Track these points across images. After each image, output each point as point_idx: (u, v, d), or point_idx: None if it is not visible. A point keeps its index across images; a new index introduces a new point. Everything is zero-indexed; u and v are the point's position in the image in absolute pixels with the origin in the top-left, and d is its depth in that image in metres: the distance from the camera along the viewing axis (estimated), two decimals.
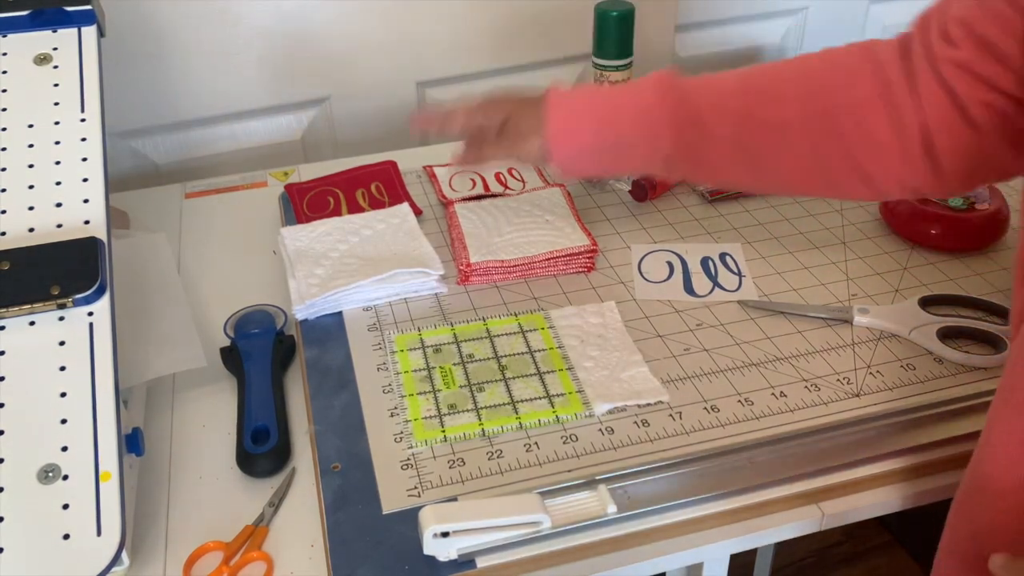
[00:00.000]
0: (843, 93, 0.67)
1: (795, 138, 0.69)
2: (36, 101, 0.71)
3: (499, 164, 0.82)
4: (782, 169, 0.72)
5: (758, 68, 0.73)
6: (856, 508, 0.64)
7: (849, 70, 0.68)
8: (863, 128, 0.67)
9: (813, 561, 1.38)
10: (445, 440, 0.68)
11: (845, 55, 0.69)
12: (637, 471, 0.64)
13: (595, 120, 0.73)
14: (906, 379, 0.72)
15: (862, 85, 0.67)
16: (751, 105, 0.70)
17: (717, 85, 0.72)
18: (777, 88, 0.70)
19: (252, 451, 0.67)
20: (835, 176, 0.69)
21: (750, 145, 0.71)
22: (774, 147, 0.70)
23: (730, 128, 0.70)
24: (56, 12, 0.75)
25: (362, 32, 1.12)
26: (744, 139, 0.71)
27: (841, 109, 0.67)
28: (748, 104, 0.70)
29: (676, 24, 1.28)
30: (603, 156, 0.75)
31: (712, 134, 0.71)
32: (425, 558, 0.59)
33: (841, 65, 0.69)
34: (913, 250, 0.88)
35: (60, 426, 0.58)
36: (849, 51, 0.69)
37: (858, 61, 0.68)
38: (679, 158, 0.73)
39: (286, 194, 0.98)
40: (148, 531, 0.63)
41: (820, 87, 0.68)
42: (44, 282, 0.62)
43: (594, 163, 0.76)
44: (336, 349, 0.77)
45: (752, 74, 0.72)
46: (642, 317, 0.80)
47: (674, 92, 0.72)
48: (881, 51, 0.67)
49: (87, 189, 0.67)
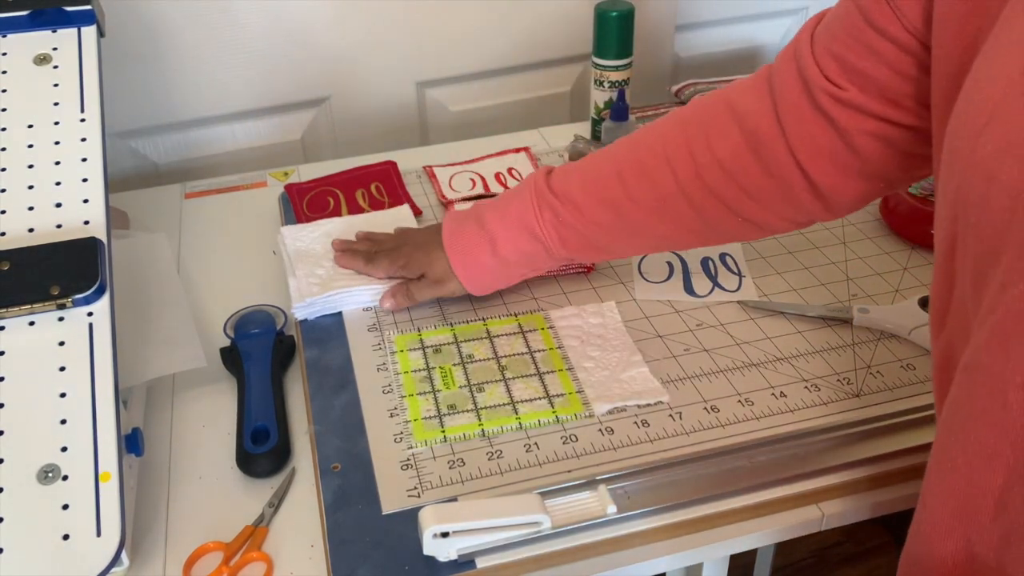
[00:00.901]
0: (709, 154, 0.67)
1: (676, 209, 0.70)
2: (36, 101, 0.71)
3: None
4: (673, 236, 0.74)
5: (626, 146, 0.73)
6: (856, 508, 0.64)
7: (711, 129, 0.68)
8: (738, 183, 0.67)
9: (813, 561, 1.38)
10: (445, 440, 0.68)
11: (705, 113, 0.69)
12: (637, 471, 0.64)
13: (489, 254, 0.76)
14: (906, 379, 0.72)
15: (726, 141, 0.67)
16: (628, 190, 0.71)
17: (592, 177, 0.73)
18: (647, 167, 0.70)
19: (252, 451, 0.67)
20: (725, 229, 0.71)
21: (637, 226, 0.72)
22: (659, 221, 0.71)
23: (612, 216, 0.72)
24: (56, 12, 0.75)
25: (362, 32, 1.12)
26: (629, 223, 0.72)
27: (711, 170, 0.67)
28: (625, 190, 0.71)
29: (676, 24, 1.28)
30: (512, 273, 0.78)
31: (596, 226, 0.72)
32: (425, 558, 0.59)
33: (702, 125, 0.68)
34: (913, 250, 0.88)
35: (60, 426, 0.58)
36: (708, 107, 0.69)
37: (720, 117, 0.68)
38: (576, 254, 0.76)
39: (286, 194, 0.98)
40: (148, 531, 0.63)
41: (688, 154, 0.68)
42: (44, 282, 0.62)
43: (509, 279, 0.79)
44: (336, 349, 0.77)
45: (622, 156, 0.72)
46: (642, 317, 0.80)
47: (549, 202, 0.73)
48: (740, 100, 0.67)
49: (87, 189, 0.67)
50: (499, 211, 0.76)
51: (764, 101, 0.66)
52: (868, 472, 0.65)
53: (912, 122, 0.60)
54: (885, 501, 0.64)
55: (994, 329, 0.41)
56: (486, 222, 0.75)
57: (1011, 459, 0.42)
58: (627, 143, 0.73)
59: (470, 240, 0.76)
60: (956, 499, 0.45)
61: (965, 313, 0.45)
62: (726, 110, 0.68)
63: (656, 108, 1.15)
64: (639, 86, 1.19)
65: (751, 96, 0.67)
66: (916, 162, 0.63)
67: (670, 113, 0.73)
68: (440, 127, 1.23)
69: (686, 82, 1.18)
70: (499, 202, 0.77)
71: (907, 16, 0.56)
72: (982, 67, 0.45)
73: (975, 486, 0.44)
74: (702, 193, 0.68)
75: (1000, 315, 0.41)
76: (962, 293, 0.46)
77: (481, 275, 0.77)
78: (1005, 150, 0.40)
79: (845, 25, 0.60)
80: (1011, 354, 0.41)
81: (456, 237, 0.77)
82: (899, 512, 0.65)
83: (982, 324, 0.43)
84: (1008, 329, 0.41)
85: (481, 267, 0.76)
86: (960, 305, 0.46)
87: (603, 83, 1.04)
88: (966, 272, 0.44)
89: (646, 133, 0.72)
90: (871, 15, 0.58)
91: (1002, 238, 0.41)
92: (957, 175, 0.44)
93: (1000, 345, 0.41)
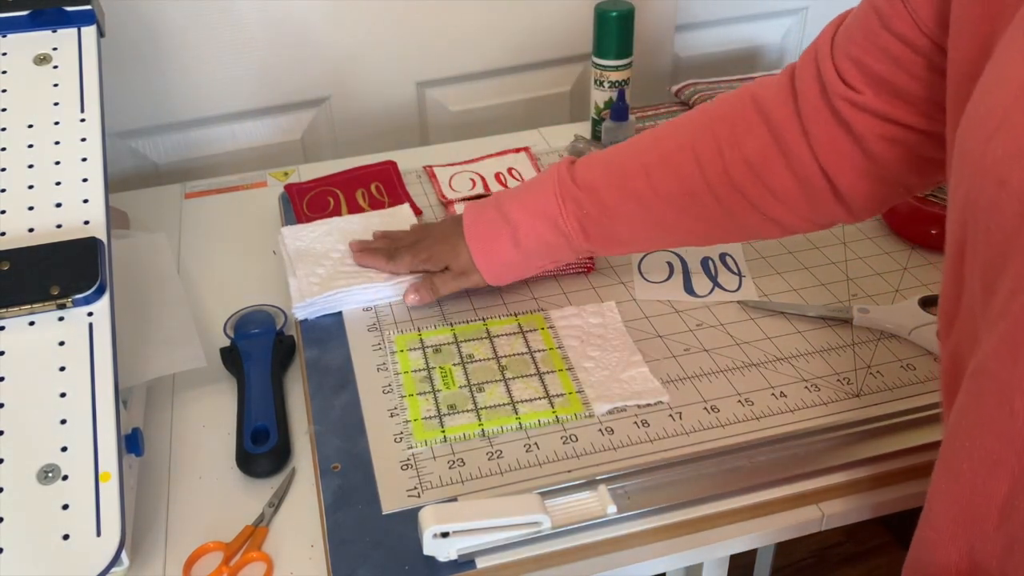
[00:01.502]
0: (737, 151, 0.68)
1: (702, 203, 0.70)
2: (36, 101, 0.71)
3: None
4: (696, 230, 0.74)
5: (651, 139, 0.73)
6: (856, 508, 0.64)
7: (738, 126, 0.68)
8: (763, 182, 0.68)
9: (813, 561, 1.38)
10: (445, 440, 0.68)
11: (732, 110, 0.69)
12: (637, 471, 0.64)
13: (511, 245, 0.76)
14: (906, 379, 0.72)
15: (754, 139, 0.67)
16: (653, 183, 0.71)
17: (616, 169, 0.73)
18: (673, 160, 0.70)
19: (252, 451, 0.67)
20: (748, 225, 0.72)
21: (660, 219, 0.73)
22: (683, 215, 0.72)
23: (636, 208, 0.72)
24: (56, 12, 0.75)
25: (362, 32, 1.12)
26: (653, 216, 0.72)
27: (737, 167, 0.68)
28: (650, 183, 0.71)
29: (676, 24, 1.28)
30: (532, 264, 0.78)
31: (620, 219, 0.73)
32: (425, 558, 0.59)
33: (729, 121, 0.69)
34: (913, 250, 0.88)
35: (60, 426, 0.58)
36: (736, 104, 0.69)
37: (747, 114, 0.68)
38: (597, 247, 0.76)
39: (286, 194, 0.98)
40: (148, 531, 0.63)
41: (715, 149, 0.68)
42: (44, 282, 0.62)
43: (528, 270, 0.79)
44: (336, 349, 0.77)
45: (647, 149, 0.72)
46: (642, 317, 0.80)
47: (573, 194, 0.73)
48: (766, 98, 0.67)
49: (87, 189, 0.67)
50: (521, 202, 0.75)
51: (787, 103, 0.66)
52: (868, 472, 0.65)
53: (927, 126, 0.60)
54: (885, 501, 0.64)
55: (1003, 336, 0.41)
56: (508, 213, 0.75)
57: (1016, 467, 0.41)
58: (652, 136, 0.73)
59: (492, 231, 0.76)
60: (960, 506, 0.45)
61: (974, 317, 0.45)
62: (754, 108, 0.68)
63: (656, 108, 1.15)
64: (639, 86, 1.19)
65: (776, 96, 0.67)
66: (932, 166, 0.63)
67: (697, 107, 0.74)
68: (440, 127, 1.23)
69: (686, 82, 1.18)
70: (521, 192, 0.77)
71: (922, 19, 0.56)
72: (993, 70, 0.45)
73: (979, 494, 0.44)
74: (728, 189, 0.69)
75: (1009, 322, 0.41)
76: (971, 298, 0.45)
77: (502, 266, 0.77)
78: (1015, 155, 0.40)
79: (863, 28, 0.60)
80: (1019, 362, 0.40)
81: (478, 227, 0.77)
82: (900, 512, 0.65)
83: (991, 330, 0.42)
84: (1017, 336, 0.40)
85: (502, 258, 0.76)
86: (969, 309, 0.46)
87: (603, 83, 1.04)
88: (975, 277, 0.44)
89: (673, 127, 0.72)
90: (887, 18, 0.58)
91: (1012, 244, 0.40)
92: (967, 179, 0.44)
93: (1009, 352, 0.41)
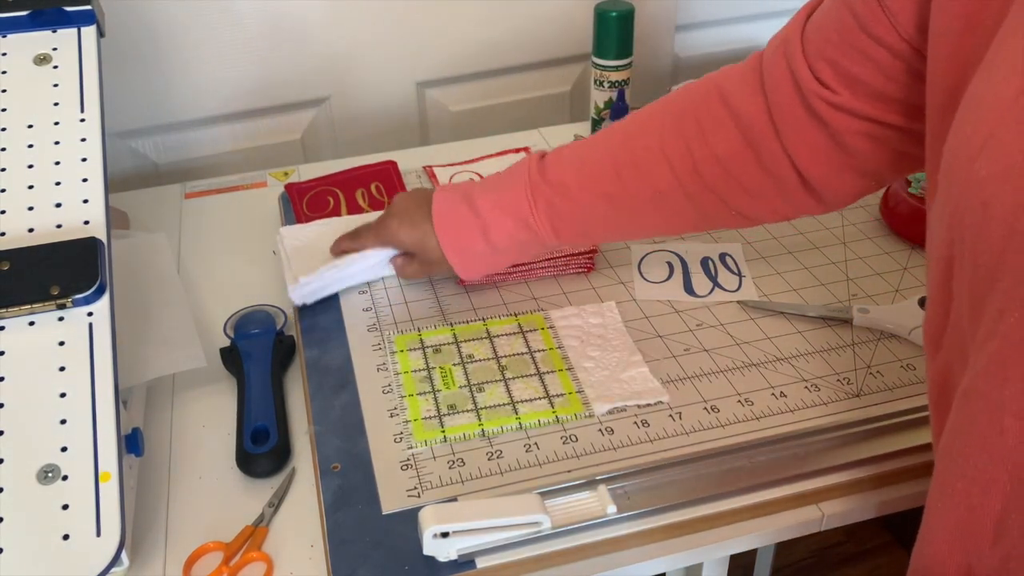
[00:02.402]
0: (707, 149, 0.68)
1: (673, 201, 0.70)
2: (36, 101, 0.71)
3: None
4: (668, 224, 0.75)
5: (621, 137, 0.73)
6: (856, 508, 0.64)
7: (705, 123, 0.68)
8: (735, 179, 0.68)
9: (813, 561, 1.38)
10: (445, 440, 0.68)
11: (697, 106, 0.69)
12: (637, 471, 0.64)
13: (482, 241, 0.75)
14: (906, 379, 0.72)
15: (723, 137, 0.67)
16: (625, 184, 0.71)
17: (587, 170, 0.73)
18: (644, 162, 0.70)
19: (252, 451, 0.67)
20: (717, 218, 0.72)
21: (631, 217, 0.73)
22: (655, 213, 0.72)
23: (608, 208, 0.72)
24: (56, 12, 0.75)
25: (362, 32, 1.12)
26: (624, 214, 0.73)
27: (707, 165, 0.68)
28: (622, 185, 0.71)
29: (676, 24, 1.28)
30: (501, 260, 0.79)
31: (592, 219, 0.73)
32: (425, 558, 0.59)
33: (696, 118, 0.69)
34: (913, 250, 0.88)
35: (60, 426, 0.58)
36: (702, 99, 0.69)
37: (714, 109, 0.68)
38: (567, 242, 0.77)
39: (286, 194, 0.98)
40: (148, 531, 0.63)
41: (685, 149, 0.68)
42: (44, 282, 0.62)
43: (498, 265, 0.80)
44: (336, 349, 0.77)
45: (617, 147, 0.72)
46: (642, 317, 0.80)
47: (544, 192, 0.73)
48: (732, 93, 0.67)
49: (87, 189, 0.67)
50: (491, 198, 0.75)
51: (757, 98, 0.66)
52: (868, 472, 0.65)
53: (903, 123, 0.60)
54: (885, 501, 0.64)
55: (992, 356, 0.41)
56: (479, 208, 0.75)
57: (1007, 486, 0.42)
58: (621, 135, 0.73)
59: (462, 224, 0.75)
60: (956, 524, 0.45)
61: (962, 336, 0.45)
62: (720, 103, 0.68)
63: None
64: (639, 86, 1.19)
65: (744, 91, 0.67)
66: (907, 160, 0.63)
67: (660, 102, 0.73)
68: (440, 127, 1.23)
69: (686, 82, 1.18)
70: (490, 187, 0.76)
71: (902, 24, 0.56)
72: (978, 87, 0.44)
73: (974, 512, 0.44)
74: (699, 187, 0.69)
75: (998, 342, 0.41)
76: (959, 316, 0.45)
77: (473, 260, 0.77)
78: (1001, 175, 0.40)
79: (838, 29, 0.60)
80: (1008, 381, 0.40)
81: (447, 219, 0.76)
82: (900, 512, 0.65)
83: (980, 350, 0.42)
84: (1005, 356, 0.40)
85: (473, 253, 0.76)
86: (957, 328, 0.46)
87: (603, 83, 1.04)
88: (963, 295, 0.44)
89: (641, 125, 0.72)
90: (863, 19, 0.58)
91: (999, 263, 0.40)
92: (954, 198, 0.44)
93: (998, 372, 0.41)
